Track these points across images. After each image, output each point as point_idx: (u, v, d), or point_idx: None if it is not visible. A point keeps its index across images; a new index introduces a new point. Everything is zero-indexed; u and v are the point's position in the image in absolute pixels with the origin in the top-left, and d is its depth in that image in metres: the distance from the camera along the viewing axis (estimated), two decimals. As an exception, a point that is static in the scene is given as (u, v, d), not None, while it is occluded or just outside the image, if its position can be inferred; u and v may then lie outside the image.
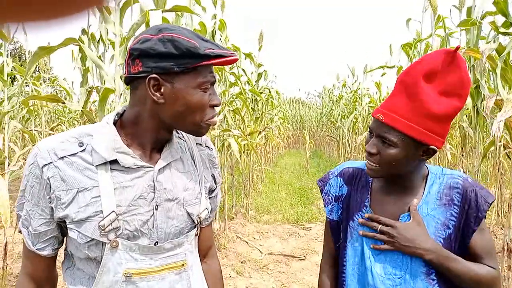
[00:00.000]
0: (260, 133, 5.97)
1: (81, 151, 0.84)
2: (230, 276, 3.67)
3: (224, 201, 4.83)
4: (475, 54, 2.24)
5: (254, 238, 4.90)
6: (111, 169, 0.84)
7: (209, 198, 1.04)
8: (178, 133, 1.01)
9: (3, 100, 2.90)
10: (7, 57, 3.44)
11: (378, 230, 1.03)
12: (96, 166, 0.84)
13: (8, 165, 2.63)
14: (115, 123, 0.91)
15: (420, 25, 3.42)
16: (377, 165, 1.00)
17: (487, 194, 1.02)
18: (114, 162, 0.85)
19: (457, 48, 0.94)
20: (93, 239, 0.82)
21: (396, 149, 0.96)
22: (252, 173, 6.32)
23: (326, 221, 1.20)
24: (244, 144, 5.00)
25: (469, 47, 2.59)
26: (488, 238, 1.02)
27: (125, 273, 0.84)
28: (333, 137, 12.29)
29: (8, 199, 1.89)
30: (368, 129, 1.04)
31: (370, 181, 1.13)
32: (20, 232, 0.90)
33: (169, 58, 0.82)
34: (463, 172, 3.22)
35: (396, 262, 1.03)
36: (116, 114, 0.92)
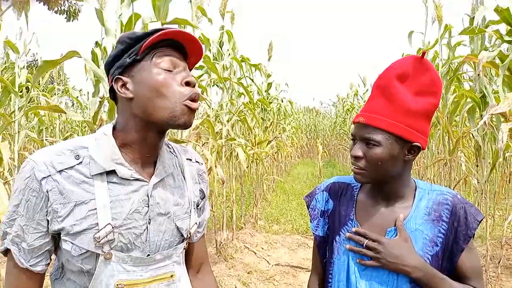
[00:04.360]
0: (269, 142, 5.96)
1: (78, 164, 0.84)
2: (235, 287, 3.65)
3: (232, 210, 4.82)
4: (474, 59, 2.20)
5: (263, 249, 4.86)
6: (107, 181, 0.85)
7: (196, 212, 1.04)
8: (169, 148, 1.01)
9: (14, 111, 2.99)
10: (23, 68, 3.55)
11: (364, 245, 1.00)
12: (93, 176, 0.84)
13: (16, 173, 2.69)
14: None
15: (424, 34, 3.38)
16: (363, 169, 0.99)
17: (476, 211, 1.00)
18: (111, 174, 0.86)
19: (423, 53, 0.99)
20: (87, 251, 0.82)
21: (381, 148, 0.96)
22: (261, 182, 6.30)
23: (314, 237, 1.19)
24: (252, 154, 5.00)
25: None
26: (476, 259, 0.99)
27: (117, 285, 0.84)
28: (347, 147, 12.18)
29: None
30: (351, 136, 1.04)
31: (356, 194, 1.11)
32: (3, 254, 0.87)
33: (120, 56, 0.88)
34: (477, 182, 3.15)
35: (382, 279, 1.00)
36: (113, 126, 0.93)
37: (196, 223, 1.00)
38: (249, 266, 4.20)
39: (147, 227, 0.88)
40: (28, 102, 4.37)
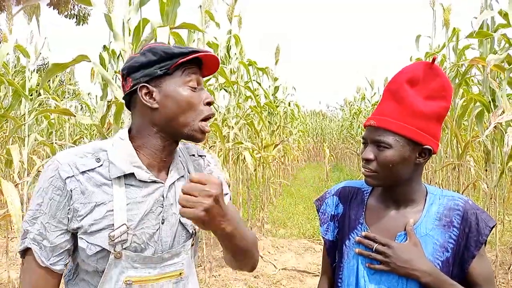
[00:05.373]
0: (276, 146, 5.96)
1: (98, 167, 0.88)
2: (242, 291, 3.64)
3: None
4: (481, 62, 2.19)
5: (269, 253, 4.84)
6: (125, 184, 0.89)
7: None
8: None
9: (24, 115, 3.03)
10: (34, 72, 3.60)
11: (374, 249, 1.00)
12: (112, 180, 0.88)
13: (28, 176, 2.73)
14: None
15: (433, 37, 3.36)
16: (374, 171, 0.99)
17: (488, 218, 0.99)
18: (129, 177, 0.89)
19: (434, 59, 0.99)
20: (102, 250, 0.86)
21: (392, 150, 0.96)
22: (268, 186, 6.29)
23: (323, 241, 1.18)
24: (259, 157, 5.00)
25: (482, 60, 2.54)
26: (487, 265, 0.98)
27: (126, 281, 0.87)
28: (354, 151, 12.12)
29: (20, 208, 1.96)
30: (362, 140, 1.04)
31: (366, 199, 1.11)
32: (21, 254, 0.88)
33: (150, 65, 0.90)
34: (487, 186, 3.12)
35: (391, 283, 0.99)
36: (128, 130, 0.97)
37: None
38: (256, 270, 4.19)
39: (159, 227, 0.91)
40: (38, 106, 4.42)
